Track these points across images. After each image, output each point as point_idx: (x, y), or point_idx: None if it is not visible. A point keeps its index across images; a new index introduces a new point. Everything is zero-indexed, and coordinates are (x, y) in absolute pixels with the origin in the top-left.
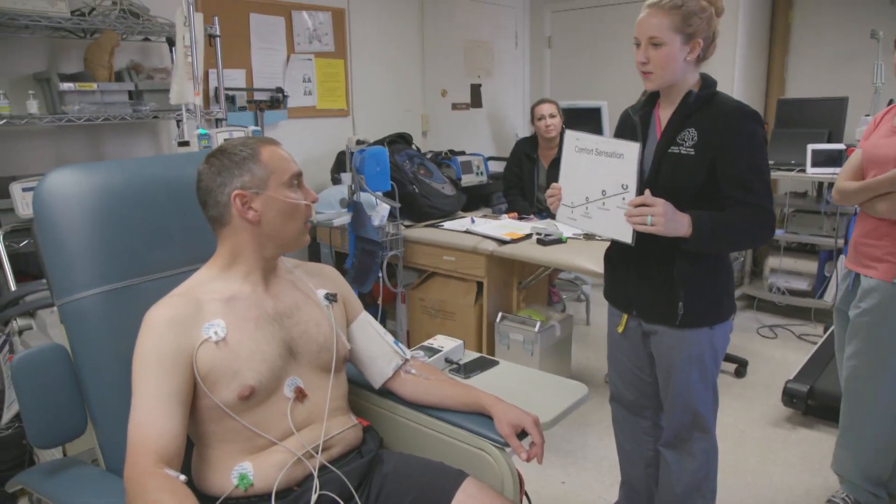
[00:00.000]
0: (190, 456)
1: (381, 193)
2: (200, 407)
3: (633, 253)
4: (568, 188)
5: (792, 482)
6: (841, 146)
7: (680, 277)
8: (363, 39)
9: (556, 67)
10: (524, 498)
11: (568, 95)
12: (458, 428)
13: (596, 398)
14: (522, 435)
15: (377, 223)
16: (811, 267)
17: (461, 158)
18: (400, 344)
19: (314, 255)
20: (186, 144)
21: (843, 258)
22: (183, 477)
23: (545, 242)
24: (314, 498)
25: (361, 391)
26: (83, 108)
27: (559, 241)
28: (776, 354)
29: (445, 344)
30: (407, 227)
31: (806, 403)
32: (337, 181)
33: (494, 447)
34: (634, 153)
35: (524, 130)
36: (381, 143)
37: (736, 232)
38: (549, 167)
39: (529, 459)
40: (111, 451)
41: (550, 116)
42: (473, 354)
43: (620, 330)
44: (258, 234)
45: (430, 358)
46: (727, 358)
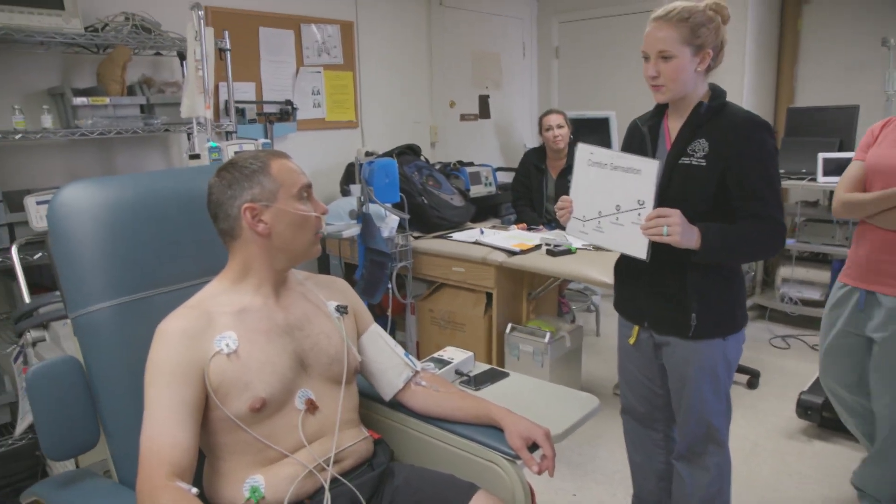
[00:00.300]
0: (201, 468)
1: (390, 205)
2: (212, 419)
3: (643, 265)
4: (579, 201)
5: (807, 496)
6: (852, 155)
7: (692, 289)
8: (372, 52)
9: (563, 78)
10: None
11: (576, 106)
12: (468, 440)
13: (607, 410)
14: (533, 447)
15: (386, 234)
16: (823, 276)
17: (470, 169)
18: (410, 356)
19: (324, 266)
20: (197, 157)
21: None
22: (195, 490)
23: (554, 253)
24: None
25: (372, 403)
26: (96, 122)
27: (569, 251)
28: (789, 365)
29: (456, 355)
30: (416, 238)
31: (821, 415)
32: (346, 193)
33: (505, 460)
34: (653, 170)
35: (532, 141)
36: (389, 154)
37: (746, 243)
38: (557, 178)
39: (541, 472)
40: (123, 463)
41: (558, 127)
42: (484, 366)
43: (632, 342)
44: (269, 246)
45: (440, 370)
46: (739, 369)
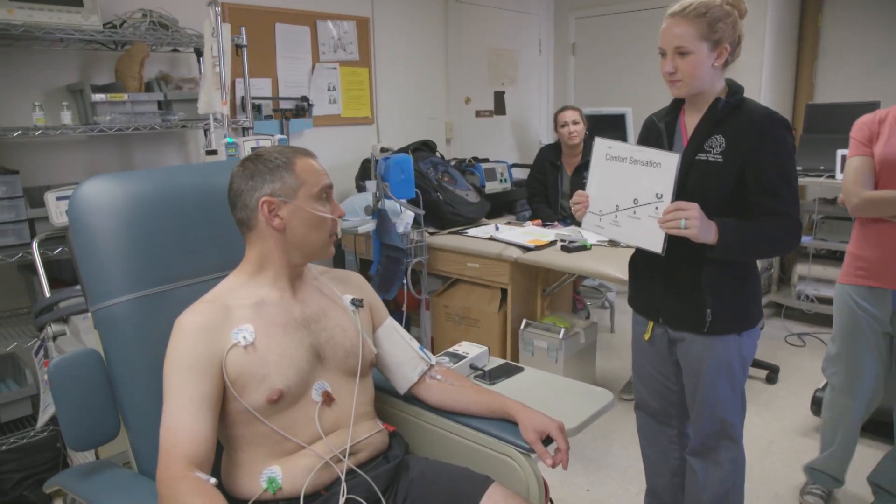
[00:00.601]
0: (219, 459)
1: (405, 201)
2: (230, 411)
3: (659, 260)
4: (596, 196)
5: None
6: None
7: (707, 284)
8: (387, 48)
9: (580, 74)
10: None
11: (592, 102)
12: (483, 434)
13: (621, 406)
14: (548, 441)
15: (402, 230)
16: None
17: (485, 166)
18: (425, 350)
19: (339, 262)
20: (214, 153)
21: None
22: (213, 480)
23: (569, 249)
24: (342, 501)
25: (387, 397)
26: (114, 118)
27: (583, 247)
28: (805, 363)
29: (470, 350)
30: (431, 234)
31: None
32: (362, 189)
33: (520, 453)
34: (673, 163)
35: (548, 138)
36: (405, 150)
37: (763, 240)
38: (572, 174)
39: (555, 465)
40: (143, 454)
41: (574, 123)
42: (498, 361)
43: (647, 337)
44: (283, 241)
45: (455, 364)
46: (758, 364)
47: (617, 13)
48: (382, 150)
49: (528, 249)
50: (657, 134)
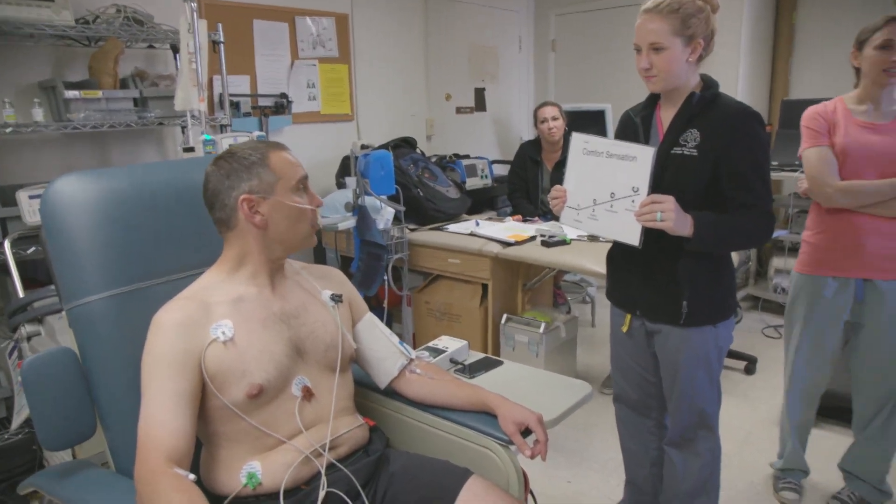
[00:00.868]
0: (198, 456)
1: (385, 197)
2: (209, 407)
3: (636, 253)
4: (574, 190)
5: None
6: None
7: (683, 276)
8: (367, 44)
9: (560, 70)
10: (529, 496)
11: (572, 98)
12: (463, 427)
13: (601, 399)
14: (527, 433)
15: (382, 227)
16: None
17: (465, 162)
18: (405, 344)
19: (320, 259)
20: (192, 150)
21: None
22: (192, 476)
23: (549, 244)
24: (322, 496)
25: (367, 392)
26: (88, 115)
27: (563, 242)
28: (781, 355)
29: (450, 344)
30: (412, 230)
31: None
32: (342, 185)
33: (499, 445)
34: (649, 157)
35: (528, 134)
36: (385, 147)
37: (737, 232)
38: (553, 170)
39: (533, 456)
40: (121, 452)
41: (553, 119)
42: (478, 355)
43: (625, 330)
44: (264, 237)
45: (435, 358)
46: (736, 356)
47: (596, 10)
48: (362, 146)
49: (508, 245)
50: (634, 129)
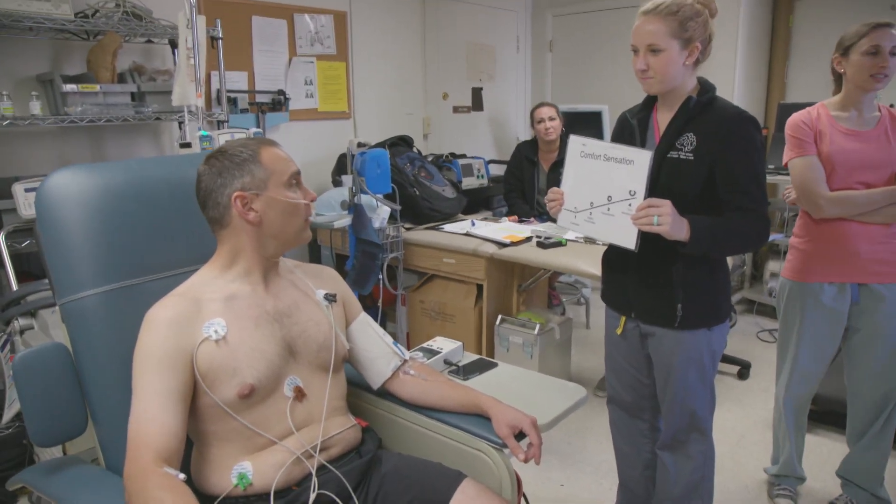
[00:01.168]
0: (189, 455)
1: (381, 196)
2: (200, 406)
3: (632, 256)
4: (571, 193)
5: None
6: None
7: (678, 279)
8: (365, 42)
9: (557, 71)
10: (522, 499)
11: (569, 99)
12: (456, 429)
13: (595, 401)
14: (521, 436)
15: (378, 225)
16: None
17: (462, 161)
18: (398, 345)
19: (315, 257)
20: (188, 146)
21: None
22: (182, 475)
23: (545, 245)
24: (312, 497)
25: (360, 392)
26: (86, 109)
27: (559, 244)
28: (776, 359)
29: (444, 345)
30: (407, 229)
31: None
32: (338, 183)
33: (492, 448)
34: (646, 161)
35: (525, 134)
36: (382, 145)
37: (733, 236)
38: (549, 170)
39: (527, 460)
40: (111, 449)
41: (550, 119)
42: (472, 356)
43: (619, 332)
44: (258, 234)
45: (428, 359)
46: (730, 360)
47: (594, 11)
48: (359, 144)
49: (504, 245)
50: (630, 130)
